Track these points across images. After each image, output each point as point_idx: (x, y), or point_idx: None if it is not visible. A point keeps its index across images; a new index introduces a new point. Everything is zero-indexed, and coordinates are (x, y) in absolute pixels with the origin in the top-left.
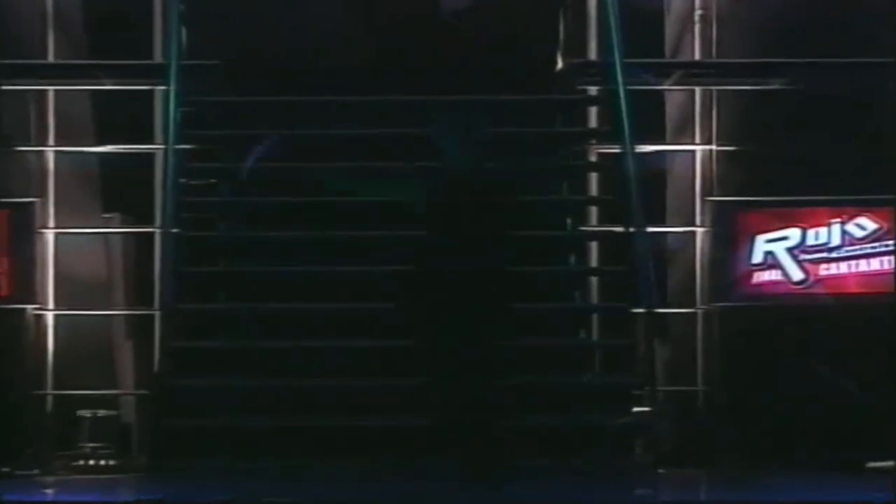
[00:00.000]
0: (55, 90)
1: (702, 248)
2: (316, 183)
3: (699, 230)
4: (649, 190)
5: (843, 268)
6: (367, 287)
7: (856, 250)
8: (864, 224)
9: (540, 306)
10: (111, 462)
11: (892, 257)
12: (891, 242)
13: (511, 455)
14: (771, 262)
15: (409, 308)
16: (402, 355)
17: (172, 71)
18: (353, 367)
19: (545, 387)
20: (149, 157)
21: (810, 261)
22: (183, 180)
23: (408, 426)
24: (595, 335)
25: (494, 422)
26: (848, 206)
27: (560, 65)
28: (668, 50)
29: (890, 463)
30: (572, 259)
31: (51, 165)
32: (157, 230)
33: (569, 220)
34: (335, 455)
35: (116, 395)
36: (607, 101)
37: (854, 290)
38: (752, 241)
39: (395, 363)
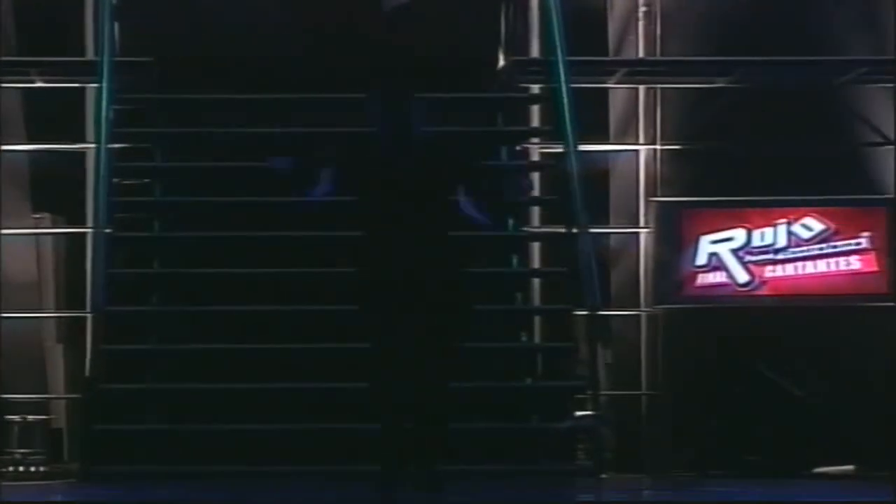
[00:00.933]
0: None
1: (645, 249)
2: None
3: (643, 231)
4: (592, 190)
5: (790, 269)
6: (305, 287)
7: (802, 252)
8: (811, 225)
9: (482, 307)
10: (42, 468)
11: (837, 259)
12: (838, 244)
13: (452, 461)
14: (716, 263)
15: (350, 308)
16: (342, 357)
17: (104, 68)
18: (290, 370)
19: (486, 391)
20: (80, 157)
21: (756, 262)
22: (115, 180)
23: (347, 430)
24: (537, 338)
25: (434, 426)
26: (793, 207)
27: (502, 62)
28: (611, 47)
29: (839, 468)
30: (514, 260)
31: None
32: (89, 231)
33: (511, 221)
34: (269, 460)
35: (47, 400)
36: (550, 100)
37: (800, 292)
38: (696, 243)
39: (334, 365)
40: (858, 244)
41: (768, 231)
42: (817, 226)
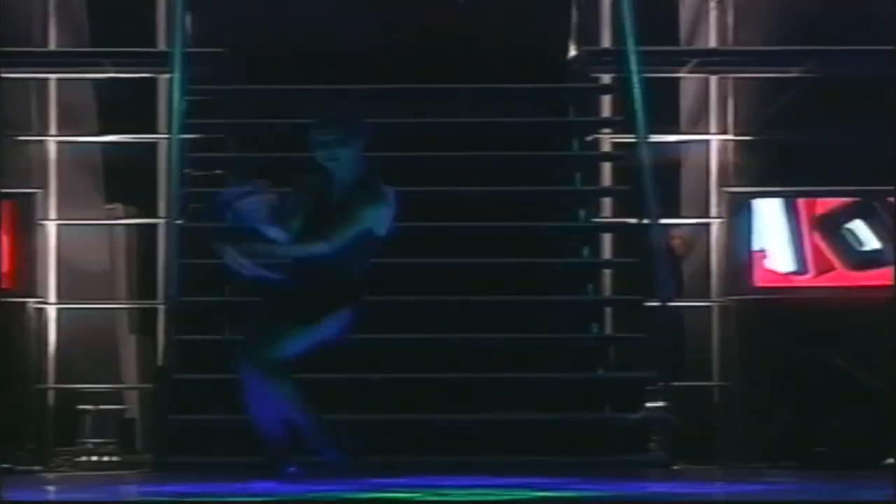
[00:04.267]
0: (57, 79)
1: (717, 240)
2: None
3: (714, 221)
4: (663, 180)
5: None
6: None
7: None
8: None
9: (552, 299)
10: (114, 458)
11: None
12: None
13: (524, 451)
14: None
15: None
16: (415, 346)
17: (177, 58)
18: (360, 360)
19: (558, 381)
20: (153, 147)
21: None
22: (187, 171)
23: (419, 422)
24: (608, 329)
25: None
26: (867, 196)
27: (573, 52)
28: (683, 37)
29: None
30: (586, 251)
31: (52, 155)
32: (161, 221)
33: (582, 212)
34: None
35: (120, 390)
36: (621, 90)
37: (875, 282)
38: (770, 232)
39: (410, 355)
40: None
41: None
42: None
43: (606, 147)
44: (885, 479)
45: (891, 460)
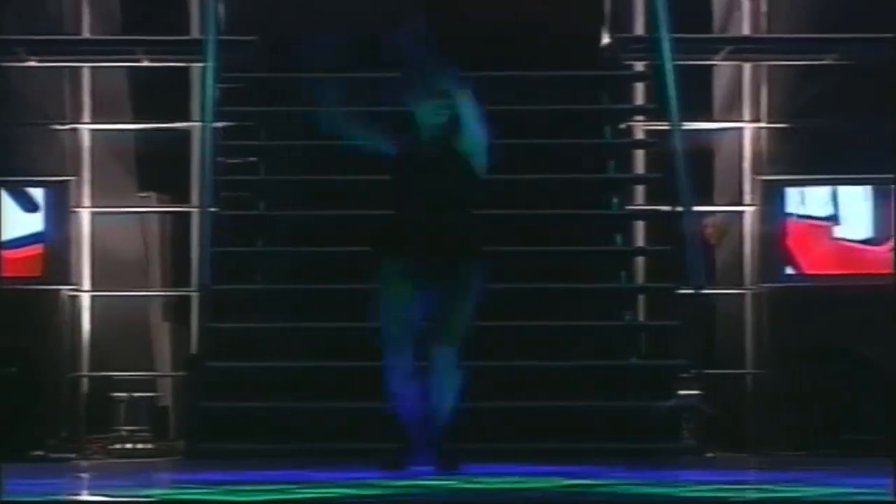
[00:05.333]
0: (90, 67)
1: (750, 228)
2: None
3: (747, 209)
4: (697, 168)
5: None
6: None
7: None
8: None
9: (585, 286)
10: (148, 445)
11: None
12: None
13: (557, 438)
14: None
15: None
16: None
17: (210, 46)
18: None
19: (591, 368)
20: (185, 135)
21: (860, 241)
22: (220, 158)
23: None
24: (641, 316)
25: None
26: None
27: (606, 39)
28: (716, 24)
29: None
30: (618, 238)
31: (86, 143)
32: (195, 209)
33: (615, 199)
34: (373, 437)
35: (153, 378)
36: (654, 77)
37: None
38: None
39: None
40: None
41: None
42: None
43: (640, 135)
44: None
45: None
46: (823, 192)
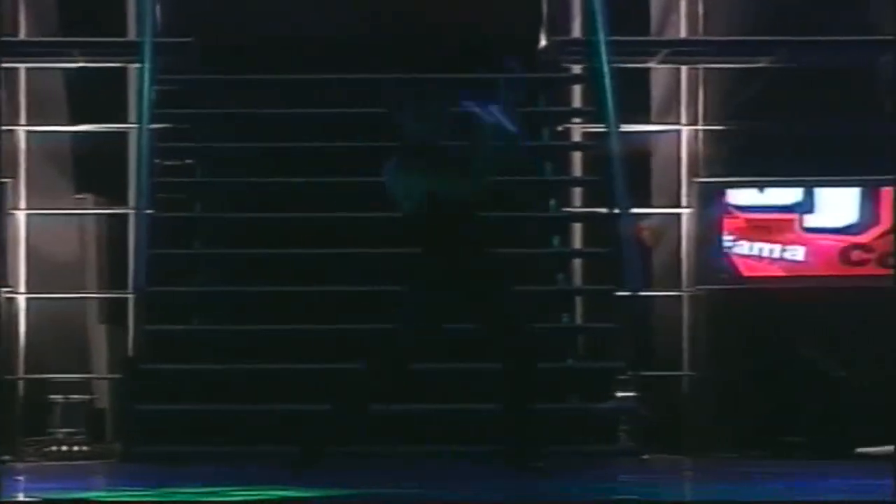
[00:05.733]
0: (26, 68)
1: (687, 230)
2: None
3: (684, 211)
4: (634, 170)
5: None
6: (349, 265)
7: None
8: None
9: (523, 288)
10: (84, 448)
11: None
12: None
13: (493, 441)
14: None
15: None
16: (381, 337)
17: (146, 48)
18: (329, 352)
19: None
20: (122, 137)
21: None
22: (157, 160)
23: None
24: (578, 319)
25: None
26: (838, 186)
27: (543, 42)
28: (653, 27)
29: (880, 449)
30: (555, 240)
31: (22, 145)
32: (131, 211)
33: (552, 202)
34: (310, 439)
35: (89, 380)
36: (591, 80)
37: (842, 272)
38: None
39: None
40: None
41: None
42: None
43: (577, 137)
44: (854, 468)
45: (862, 449)
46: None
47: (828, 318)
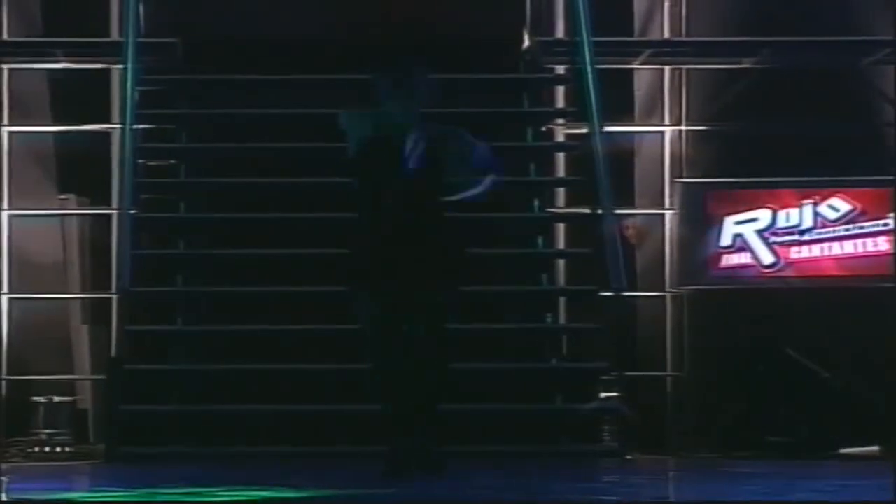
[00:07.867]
0: (9, 68)
1: (670, 231)
2: None
3: (668, 212)
4: (617, 171)
5: (816, 251)
6: (332, 268)
7: (828, 233)
8: (837, 205)
9: (506, 289)
10: (67, 449)
11: (864, 240)
12: (865, 224)
13: (477, 442)
14: (741, 244)
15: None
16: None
17: (130, 48)
18: (311, 351)
19: (512, 371)
20: (106, 137)
21: (781, 243)
22: (141, 161)
23: (365, 412)
24: (562, 319)
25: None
26: (821, 188)
27: (527, 42)
28: (637, 28)
29: (864, 449)
30: (539, 241)
31: (5, 145)
32: (115, 211)
33: (536, 202)
34: (294, 440)
35: (73, 381)
36: (575, 81)
37: (826, 273)
38: (721, 224)
39: (352, 347)
40: (885, 225)
41: (794, 212)
42: (844, 206)
43: (560, 137)
44: (836, 468)
45: (846, 449)
46: None
47: (810, 318)
